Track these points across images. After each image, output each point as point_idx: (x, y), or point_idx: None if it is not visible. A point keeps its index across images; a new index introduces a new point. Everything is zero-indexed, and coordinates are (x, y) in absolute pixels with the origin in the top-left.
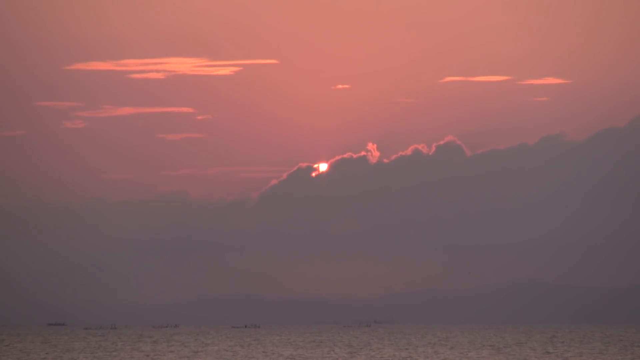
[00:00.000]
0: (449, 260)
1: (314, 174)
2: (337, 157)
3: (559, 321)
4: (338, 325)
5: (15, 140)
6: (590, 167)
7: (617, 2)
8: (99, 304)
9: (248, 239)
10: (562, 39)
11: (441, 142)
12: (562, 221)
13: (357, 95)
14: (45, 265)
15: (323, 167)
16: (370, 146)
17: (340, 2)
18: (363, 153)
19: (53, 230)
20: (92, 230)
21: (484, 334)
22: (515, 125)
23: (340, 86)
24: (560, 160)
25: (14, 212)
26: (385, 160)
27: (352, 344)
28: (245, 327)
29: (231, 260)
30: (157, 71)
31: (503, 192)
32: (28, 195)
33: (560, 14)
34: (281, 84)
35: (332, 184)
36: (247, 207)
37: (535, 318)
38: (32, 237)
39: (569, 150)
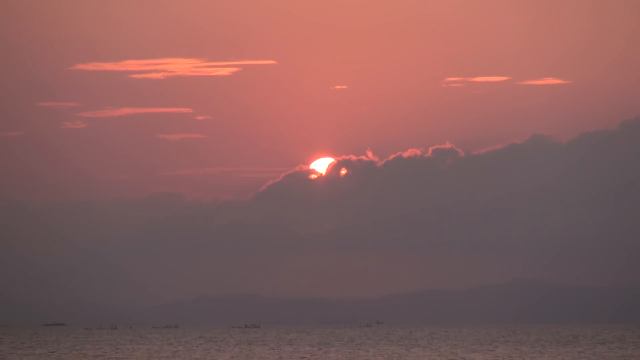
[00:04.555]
0: (449, 260)
1: (312, 176)
2: (335, 158)
3: (560, 321)
4: (338, 326)
5: (17, 140)
6: (587, 168)
7: (618, 4)
8: (99, 305)
9: (246, 239)
10: (562, 40)
11: (440, 143)
12: (562, 221)
13: (355, 96)
14: (44, 266)
15: (321, 168)
16: (368, 148)
17: (338, 3)
18: (361, 154)
19: (51, 231)
20: (91, 231)
21: (483, 333)
22: (512, 125)
23: (338, 87)
24: (553, 160)
25: (12, 212)
26: (384, 162)
27: (353, 344)
28: (246, 327)
29: (230, 260)
30: (157, 71)
31: (503, 192)
32: (27, 196)
33: (560, 15)
34: (279, 85)
35: (330, 185)
36: (241, 208)
37: (535, 318)
38: (30, 237)
39: (560, 151)
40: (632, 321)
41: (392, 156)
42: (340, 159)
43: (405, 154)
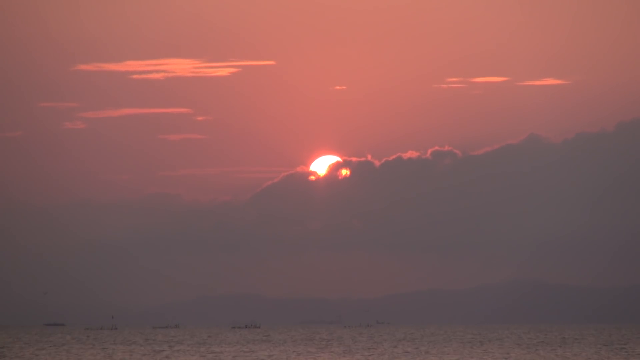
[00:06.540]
0: (449, 260)
1: (311, 177)
2: (335, 159)
3: (559, 321)
4: (338, 326)
5: (17, 140)
6: (584, 168)
7: (618, 4)
8: (99, 305)
9: (244, 239)
10: (562, 41)
11: (439, 144)
12: (563, 222)
13: (354, 97)
14: (44, 266)
15: (320, 169)
16: (368, 149)
17: (337, 4)
18: (361, 155)
19: (51, 230)
20: (90, 231)
21: (483, 333)
22: (511, 125)
23: (337, 87)
24: (549, 160)
25: (12, 211)
26: (383, 162)
27: (354, 344)
28: (246, 327)
29: (230, 260)
30: (157, 72)
31: (501, 192)
32: (27, 195)
33: (561, 15)
34: (278, 85)
35: (329, 186)
36: (238, 208)
37: (536, 318)
38: (30, 237)
39: (556, 151)
40: (634, 321)
41: (393, 156)
42: (339, 160)
43: (405, 155)
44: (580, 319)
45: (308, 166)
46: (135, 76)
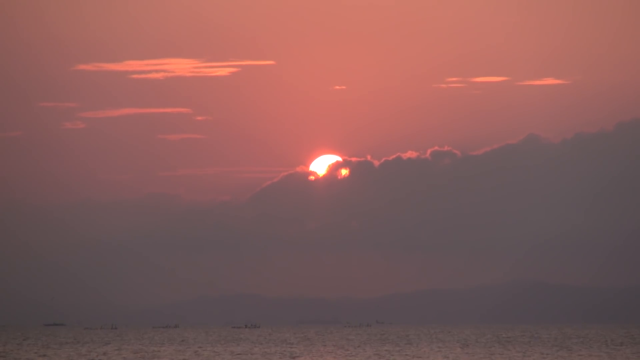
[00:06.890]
0: (449, 260)
1: (310, 177)
2: (335, 159)
3: (559, 321)
4: (338, 325)
5: (17, 140)
6: (582, 168)
7: (617, 4)
8: (99, 304)
9: (244, 239)
10: (561, 40)
11: (439, 144)
12: (562, 222)
13: (354, 97)
14: (43, 266)
15: (320, 169)
16: (368, 149)
17: (337, 3)
18: (360, 155)
19: (50, 230)
20: (90, 230)
21: (483, 333)
22: (511, 125)
23: (337, 87)
24: (547, 160)
25: (11, 211)
26: (383, 162)
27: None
28: (245, 326)
29: (230, 260)
30: (157, 71)
31: (500, 192)
32: (26, 195)
33: (560, 15)
34: (278, 85)
35: (328, 186)
36: (238, 208)
37: (535, 318)
38: (29, 237)
39: (554, 151)
40: (633, 321)
41: (393, 156)
42: (339, 159)
43: (405, 155)
44: (578, 319)
45: (308, 166)
46: (135, 76)
